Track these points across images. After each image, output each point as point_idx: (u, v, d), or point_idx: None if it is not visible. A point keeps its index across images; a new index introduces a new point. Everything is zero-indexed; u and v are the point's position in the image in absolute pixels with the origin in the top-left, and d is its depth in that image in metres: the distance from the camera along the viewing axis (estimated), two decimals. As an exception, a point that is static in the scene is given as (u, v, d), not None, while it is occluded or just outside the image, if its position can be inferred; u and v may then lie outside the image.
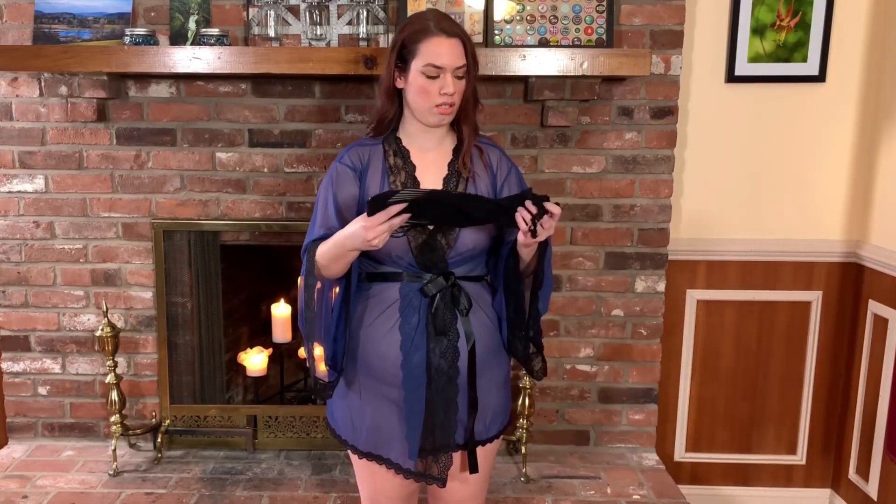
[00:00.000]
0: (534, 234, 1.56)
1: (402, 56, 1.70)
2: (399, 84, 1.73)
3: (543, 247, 1.67)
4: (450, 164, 1.78)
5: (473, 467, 1.78)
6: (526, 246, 1.63)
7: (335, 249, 1.63)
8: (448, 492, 1.84)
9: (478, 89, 1.79)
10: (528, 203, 1.55)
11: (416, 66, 1.67)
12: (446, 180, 1.76)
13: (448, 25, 1.69)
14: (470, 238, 1.72)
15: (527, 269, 1.72)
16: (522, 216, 1.55)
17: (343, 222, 1.67)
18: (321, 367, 1.76)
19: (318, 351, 1.76)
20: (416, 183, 1.74)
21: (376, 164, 1.75)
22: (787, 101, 2.80)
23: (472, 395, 1.73)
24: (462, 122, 1.76)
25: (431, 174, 1.76)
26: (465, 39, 1.69)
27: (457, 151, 1.79)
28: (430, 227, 1.68)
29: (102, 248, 2.84)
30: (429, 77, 1.67)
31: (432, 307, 1.68)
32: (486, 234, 1.75)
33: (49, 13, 2.61)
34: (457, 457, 1.79)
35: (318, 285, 1.69)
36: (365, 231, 1.53)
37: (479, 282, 1.79)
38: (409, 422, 1.72)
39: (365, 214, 1.54)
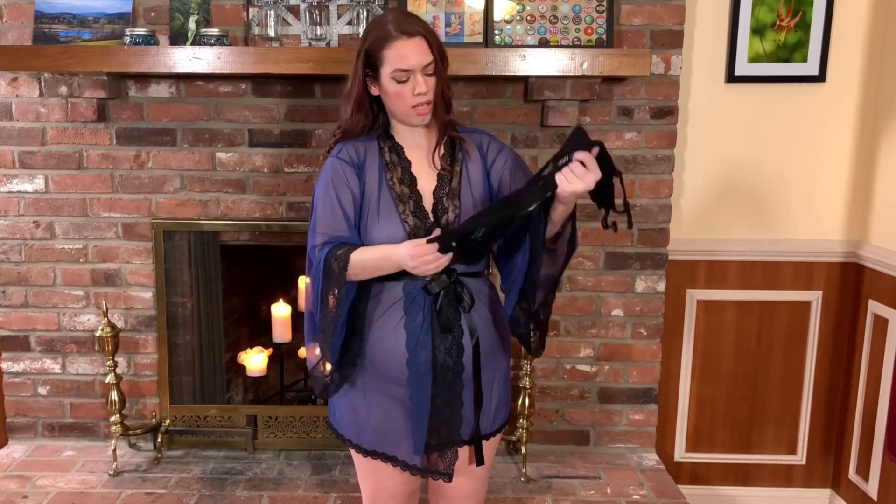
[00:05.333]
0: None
1: (371, 64, 1.69)
2: (374, 91, 1.73)
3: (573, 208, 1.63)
4: (441, 160, 1.78)
5: (480, 459, 1.79)
6: (564, 204, 1.57)
7: (372, 264, 1.66)
8: (451, 487, 1.84)
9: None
10: (579, 154, 1.50)
11: (385, 73, 1.67)
12: (440, 176, 1.77)
13: (409, 25, 1.68)
14: None
15: (557, 234, 1.66)
16: (570, 169, 1.51)
17: (350, 223, 1.69)
18: (326, 368, 1.77)
19: (317, 352, 1.77)
20: (412, 179, 1.74)
21: (373, 159, 1.76)
22: (787, 101, 2.80)
23: (477, 391, 1.74)
24: (433, 119, 1.76)
25: (425, 170, 1.77)
26: (427, 36, 1.68)
27: (447, 146, 1.79)
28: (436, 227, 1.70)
29: (102, 248, 2.84)
30: (399, 81, 1.67)
31: (437, 304, 1.69)
32: None
33: (49, 13, 2.61)
34: (461, 452, 1.79)
35: (336, 293, 1.67)
36: (412, 259, 1.57)
37: (478, 277, 1.80)
38: (415, 419, 1.73)
39: (415, 242, 1.58)
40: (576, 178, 1.51)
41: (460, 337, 1.72)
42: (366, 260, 1.66)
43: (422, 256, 1.56)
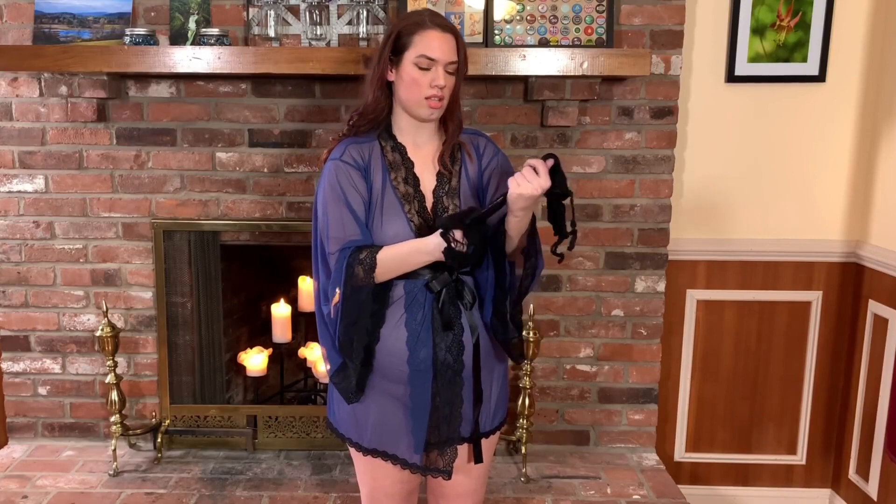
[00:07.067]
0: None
1: (396, 48, 1.71)
2: (390, 77, 1.74)
3: (532, 224, 1.67)
4: (440, 160, 1.79)
5: (478, 457, 1.80)
6: (514, 215, 1.61)
7: (407, 257, 1.66)
8: (451, 485, 1.85)
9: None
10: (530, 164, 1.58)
11: (409, 57, 1.69)
12: (439, 175, 1.77)
13: (443, 21, 1.72)
14: None
15: (515, 249, 1.71)
16: (522, 173, 1.57)
17: (362, 226, 1.68)
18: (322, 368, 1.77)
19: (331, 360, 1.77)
20: (416, 180, 1.75)
21: (376, 160, 1.75)
22: (787, 101, 2.80)
23: (477, 388, 1.75)
24: (448, 119, 1.78)
25: (427, 171, 1.77)
26: (458, 37, 1.72)
27: (447, 146, 1.81)
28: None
29: (102, 248, 2.84)
30: (421, 69, 1.68)
31: (439, 302, 1.69)
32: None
33: (49, 13, 2.61)
34: (461, 450, 1.80)
35: (361, 296, 1.66)
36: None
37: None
38: (415, 417, 1.73)
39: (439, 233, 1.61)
40: (525, 181, 1.55)
41: (461, 335, 1.72)
42: (396, 257, 1.66)
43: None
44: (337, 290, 1.68)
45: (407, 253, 1.66)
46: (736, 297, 2.93)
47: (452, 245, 1.59)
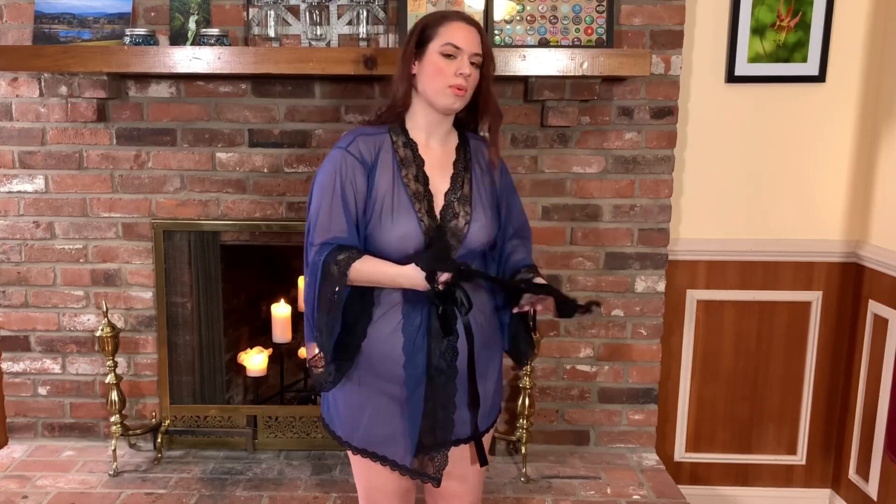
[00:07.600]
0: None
1: (421, 40, 1.73)
2: (413, 69, 1.74)
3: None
4: (455, 164, 1.79)
5: (483, 460, 1.81)
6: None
7: (384, 278, 1.68)
8: (447, 487, 1.85)
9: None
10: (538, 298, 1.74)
11: (433, 47, 1.71)
12: (453, 179, 1.77)
13: (467, 16, 1.76)
14: (476, 238, 1.75)
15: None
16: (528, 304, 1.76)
17: (350, 224, 1.69)
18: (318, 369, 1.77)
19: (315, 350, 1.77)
20: (426, 178, 1.74)
21: (386, 156, 1.74)
22: (787, 101, 2.80)
23: (472, 392, 1.75)
24: (483, 113, 1.80)
25: (438, 172, 1.77)
26: (482, 33, 1.75)
27: (459, 150, 1.82)
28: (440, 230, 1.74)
29: (102, 248, 2.84)
30: (446, 56, 1.69)
31: (439, 309, 1.68)
32: (492, 233, 1.80)
33: (49, 13, 2.61)
34: (456, 452, 1.80)
35: (333, 295, 1.68)
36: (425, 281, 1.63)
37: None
38: (408, 421, 1.74)
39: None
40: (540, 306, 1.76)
41: (455, 341, 1.72)
42: (373, 273, 1.68)
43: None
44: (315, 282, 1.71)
45: (388, 276, 1.67)
46: (736, 297, 2.93)
47: (439, 287, 1.60)
